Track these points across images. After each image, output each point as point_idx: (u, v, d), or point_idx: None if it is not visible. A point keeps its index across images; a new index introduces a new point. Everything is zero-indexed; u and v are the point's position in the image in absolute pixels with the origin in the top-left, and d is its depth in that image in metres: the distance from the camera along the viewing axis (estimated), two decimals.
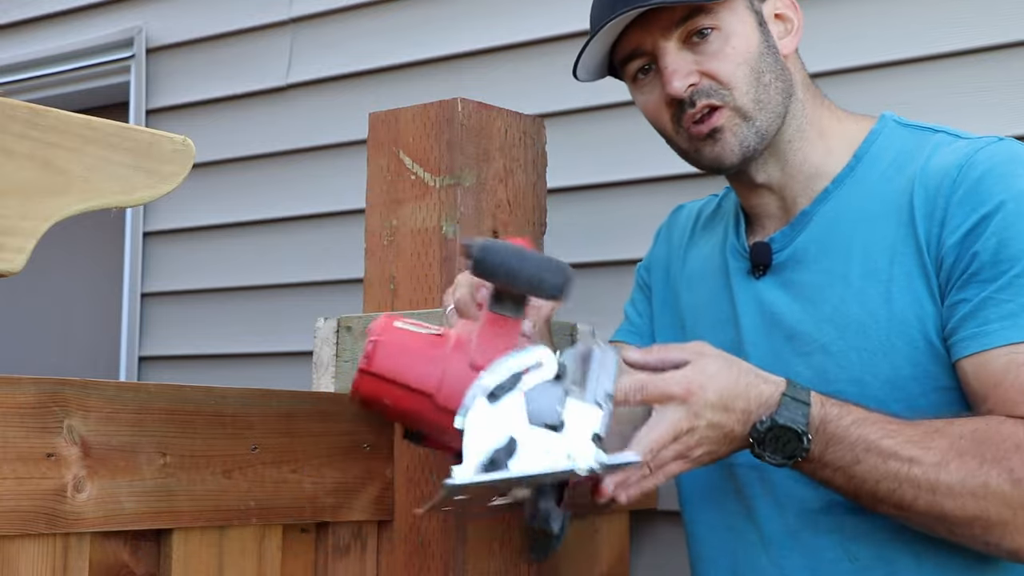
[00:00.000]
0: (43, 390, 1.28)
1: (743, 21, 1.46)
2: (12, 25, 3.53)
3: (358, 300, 1.90)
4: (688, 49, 1.46)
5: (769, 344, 1.49)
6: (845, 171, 1.50)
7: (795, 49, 1.52)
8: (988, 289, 1.34)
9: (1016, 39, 1.99)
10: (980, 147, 1.41)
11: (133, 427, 1.35)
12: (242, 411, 1.46)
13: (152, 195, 1.29)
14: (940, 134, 1.48)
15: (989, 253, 1.35)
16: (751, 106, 1.45)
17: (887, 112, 1.55)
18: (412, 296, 1.78)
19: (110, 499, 1.33)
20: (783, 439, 1.30)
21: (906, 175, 1.45)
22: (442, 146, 1.77)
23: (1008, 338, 1.33)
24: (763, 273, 1.53)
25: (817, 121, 1.52)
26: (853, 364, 1.42)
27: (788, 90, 1.49)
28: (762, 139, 1.47)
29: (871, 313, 1.42)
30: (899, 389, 1.39)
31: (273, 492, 1.48)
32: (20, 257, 1.19)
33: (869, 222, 1.45)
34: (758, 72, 1.46)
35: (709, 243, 1.65)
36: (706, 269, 1.62)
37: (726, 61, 1.45)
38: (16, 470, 1.25)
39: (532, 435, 1.20)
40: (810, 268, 1.49)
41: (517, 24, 2.54)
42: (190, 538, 1.41)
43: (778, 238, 1.52)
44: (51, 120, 1.21)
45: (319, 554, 1.57)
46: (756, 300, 1.53)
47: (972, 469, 1.28)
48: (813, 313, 1.47)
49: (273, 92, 2.95)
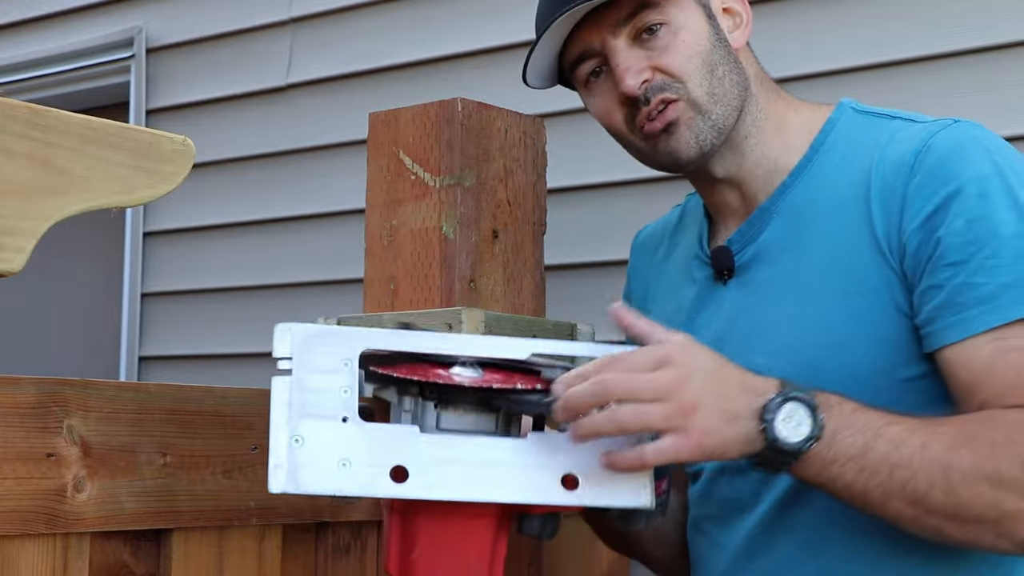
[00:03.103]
0: (43, 390, 1.28)
1: (691, 15, 1.45)
2: (12, 25, 3.54)
3: (358, 300, 1.90)
4: (638, 46, 1.44)
5: (735, 345, 1.43)
6: (802, 163, 1.47)
7: (746, 43, 1.50)
8: (961, 273, 1.30)
9: (1016, 39, 1.99)
10: (935, 131, 1.37)
11: (133, 427, 1.35)
12: (242, 411, 1.46)
13: (152, 195, 1.29)
14: (897, 120, 1.44)
15: (957, 235, 1.31)
16: (706, 99, 1.43)
17: (845, 99, 1.51)
18: (412, 296, 1.78)
19: (110, 499, 1.33)
20: (795, 418, 1.21)
21: (862, 165, 1.41)
22: (442, 146, 1.77)
23: (989, 323, 1.29)
24: (729, 277, 1.51)
25: (773, 115, 1.50)
26: (813, 361, 1.38)
27: (743, 83, 1.47)
28: (719, 133, 1.44)
29: (829, 309, 1.39)
30: (862, 384, 1.34)
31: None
32: (20, 257, 1.19)
33: (826, 215, 1.42)
34: (711, 64, 1.44)
35: (678, 254, 1.62)
36: (675, 282, 1.59)
37: (677, 54, 1.43)
38: (16, 470, 1.25)
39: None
40: (772, 266, 1.46)
41: (517, 24, 2.54)
42: (190, 538, 1.41)
43: (736, 237, 1.49)
44: (51, 120, 1.21)
45: (319, 554, 1.57)
46: (721, 304, 1.51)
47: (984, 455, 1.22)
48: (776, 312, 1.44)
49: (273, 92, 2.95)
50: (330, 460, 1.16)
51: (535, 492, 1.20)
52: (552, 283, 2.02)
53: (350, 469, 1.16)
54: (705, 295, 1.52)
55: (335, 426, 1.18)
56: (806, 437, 1.21)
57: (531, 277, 1.93)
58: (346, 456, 1.16)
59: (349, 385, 1.19)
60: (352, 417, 1.18)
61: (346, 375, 1.20)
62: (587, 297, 2.28)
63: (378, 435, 1.18)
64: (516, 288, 1.89)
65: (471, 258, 1.80)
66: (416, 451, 1.18)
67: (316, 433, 1.17)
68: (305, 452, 1.17)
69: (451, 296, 1.79)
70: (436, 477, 1.17)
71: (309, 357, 1.21)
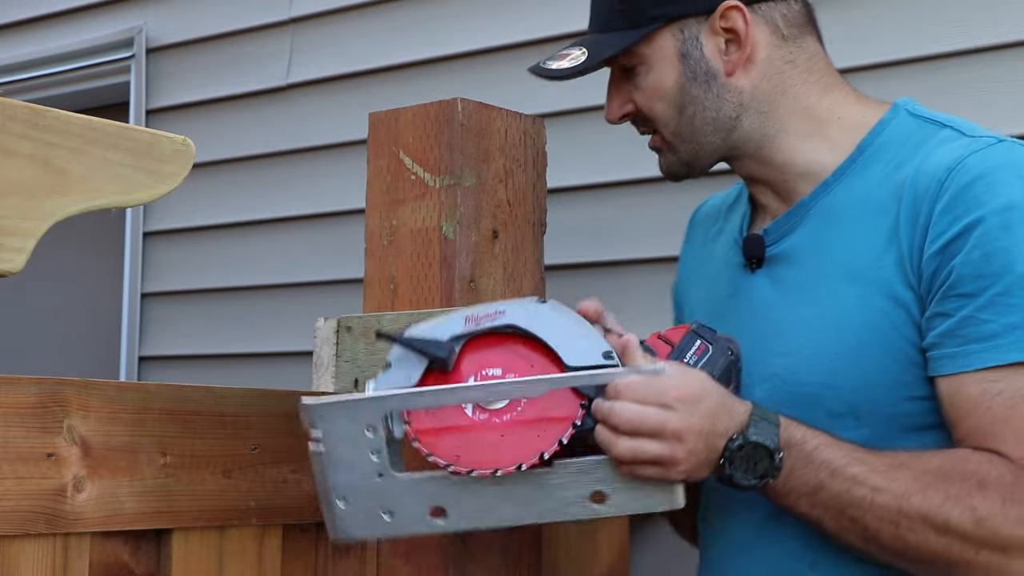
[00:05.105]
0: (43, 390, 1.28)
1: (663, 56, 1.47)
2: (12, 25, 3.53)
3: (358, 300, 1.90)
4: (625, 79, 1.52)
5: (754, 340, 1.46)
6: (846, 163, 1.46)
7: (746, 62, 1.47)
8: (969, 307, 1.30)
9: (1016, 39, 1.98)
10: (976, 149, 1.35)
11: (133, 427, 1.35)
12: (242, 411, 1.46)
13: (152, 195, 1.29)
14: (947, 130, 1.42)
15: (971, 266, 1.30)
16: (672, 138, 1.50)
17: (901, 99, 1.49)
18: (412, 296, 1.78)
19: (110, 499, 1.33)
20: (754, 458, 1.28)
21: (903, 172, 1.40)
22: (442, 146, 1.77)
23: (985, 361, 1.29)
24: (757, 266, 1.51)
25: (811, 116, 1.48)
26: (824, 367, 1.39)
27: (726, 114, 1.47)
28: (688, 167, 1.52)
29: (846, 316, 1.39)
30: (866, 396, 1.36)
31: (273, 492, 1.49)
32: (20, 257, 1.19)
33: (859, 220, 1.42)
34: (678, 107, 1.48)
35: (725, 235, 1.63)
36: (719, 264, 1.60)
37: (646, 97, 1.50)
38: (16, 470, 1.25)
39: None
40: (800, 265, 1.46)
41: (517, 24, 2.54)
42: (190, 538, 1.41)
43: (772, 228, 1.50)
44: (51, 120, 1.21)
45: (319, 554, 1.57)
46: (749, 294, 1.51)
47: (935, 505, 1.25)
48: (796, 312, 1.44)
49: (273, 92, 2.95)
50: (375, 513, 1.31)
51: (570, 510, 1.29)
52: (552, 283, 2.02)
53: (393, 518, 1.31)
54: (737, 281, 1.54)
55: (373, 484, 1.31)
56: (760, 476, 1.30)
57: (531, 277, 1.92)
58: (388, 507, 1.30)
59: (377, 449, 1.30)
60: (386, 473, 1.30)
61: (373, 440, 1.30)
62: (587, 297, 2.28)
63: (413, 483, 1.30)
64: (516, 288, 1.89)
65: (471, 258, 1.80)
66: (451, 492, 1.29)
67: (357, 494, 1.31)
68: (351, 509, 1.31)
69: (451, 296, 1.79)
70: (473, 511, 1.29)
71: (335, 430, 1.31)
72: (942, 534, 1.25)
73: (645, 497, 1.29)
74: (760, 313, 1.48)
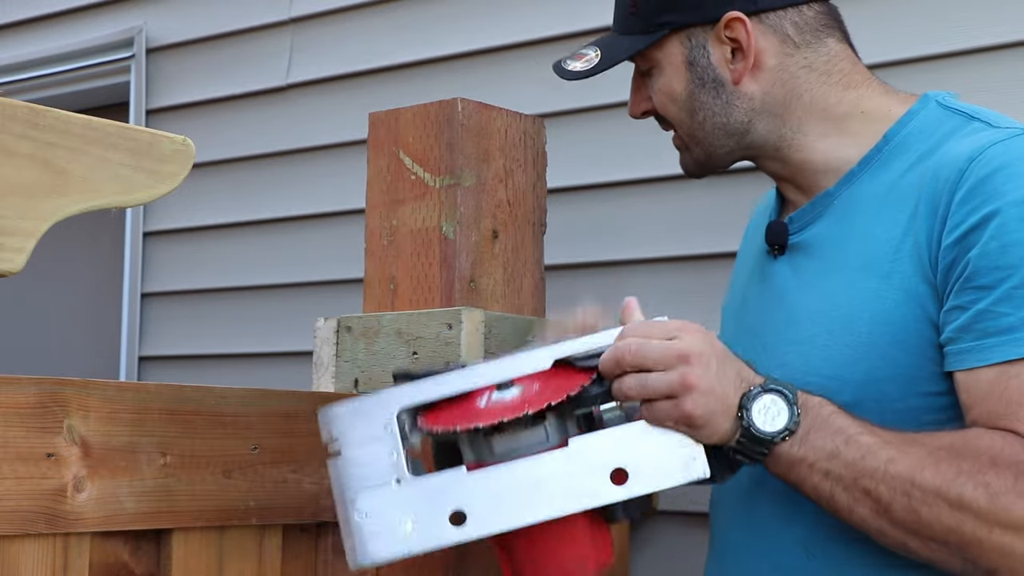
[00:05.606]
0: (43, 390, 1.28)
1: (671, 62, 1.50)
2: (12, 25, 3.54)
3: (358, 300, 1.91)
4: (644, 78, 1.55)
5: (771, 327, 1.47)
6: (871, 153, 1.45)
7: (753, 70, 1.47)
8: (985, 300, 1.29)
9: (1016, 39, 1.98)
10: (998, 140, 1.34)
11: (133, 427, 1.35)
12: (242, 411, 1.46)
13: (152, 195, 1.29)
14: (976, 121, 1.41)
15: (988, 258, 1.29)
16: (687, 139, 1.54)
17: (932, 92, 1.48)
18: (412, 296, 1.78)
19: (110, 499, 1.33)
20: (773, 410, 1.26)
21: (926, 163, 1.39)
22: (442, 146, 1.77)
23: (1003, 355, 1.27)
24: (780, 253, 1.51)
25: (829, 116, 1.48)
26: (835, 359, 1.38)
27: (737, 119, 1.48)
28: (702, 167, 1.56)
29: (858, 307, 1.38)
30: (874, 389, 1.35)
31: (273, 492, 1.49)
32: (20, 257, 1.19)
33: (880, 210, 1.41)
34: (689, 111, 1.51)
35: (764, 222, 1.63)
36: (758, 248, 1.60)
37: (660, 99, 1.54)
38: (16, 470, 1.25)
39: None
40: (819, 254, 1.46)
41: (517, 24, 2.54)
42: (190, 538, 1.41)
43: (796, 216, 1.50)
44: (51, 120, 1.21)
45: (319, 554, 1.57)
46: (771, 280, 1.51)
47: (948, 479, 1.24)
48: (811, 302, 1.44)
49: (273, 92, 2.95)
50: (395, 525, 1.26)
51: (588, 497, 1.25)
52: (552, 283, 2.02)
53: (414, 528, 1.26)
54: (764, 267, 1.54)
55: (390, 491, 1.27)
56: (780, 429, 1.26)
57: (531, 277, 1.93)
58: (407, 517, 1.26)
59: (394, 448, 1.27)
60: (403, 477, 1.27)
61: (389, 440, 1.27)
62: (587, 297, 2.28)
63: (430, 486, 1.27)
64: (516, 288, 1.89)
65: (471, 258, 1.80)
66: (468, 491, 1.26)
67: (376, 503, 1.26)
68: (371, 524, 1.26)
69: (451, 296, 1.79)
70: (491, 511, 1.25)
71: (351, 433, 1.28)
72: (956, 509, 1.23)
73: (668, 468, 1.25)
74: (778, 300, 1.49)
